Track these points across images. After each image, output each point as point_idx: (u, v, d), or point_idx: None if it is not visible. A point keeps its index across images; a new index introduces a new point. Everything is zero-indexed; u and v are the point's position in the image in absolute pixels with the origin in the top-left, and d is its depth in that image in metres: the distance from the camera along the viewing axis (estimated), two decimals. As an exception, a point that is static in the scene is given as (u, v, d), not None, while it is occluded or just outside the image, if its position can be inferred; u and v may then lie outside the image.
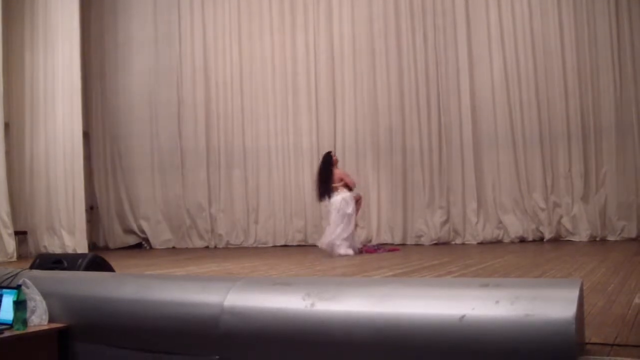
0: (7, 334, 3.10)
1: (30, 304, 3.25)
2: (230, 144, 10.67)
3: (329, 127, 10.10)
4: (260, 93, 10.51)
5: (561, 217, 8.78)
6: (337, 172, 8.08)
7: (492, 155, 9.18)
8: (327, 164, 8.08)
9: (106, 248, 11.00)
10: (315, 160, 10.12)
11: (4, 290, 3.33)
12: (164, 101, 11.00)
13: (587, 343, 2.42)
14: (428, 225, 9.43)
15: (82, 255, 4.30)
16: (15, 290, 3.24)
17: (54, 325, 3.25)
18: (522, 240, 8.93)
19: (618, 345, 2.39)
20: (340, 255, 7.65)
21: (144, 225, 11.09)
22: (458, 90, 9.30)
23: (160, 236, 10.95)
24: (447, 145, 9.41)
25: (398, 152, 9.65)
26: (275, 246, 10.22)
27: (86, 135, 10.90)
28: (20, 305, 3.19)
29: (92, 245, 10.42)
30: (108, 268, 4.22)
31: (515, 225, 8.98)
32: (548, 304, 2.32)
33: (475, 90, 9.23)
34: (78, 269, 4.00)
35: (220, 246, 10.56)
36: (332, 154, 8.38)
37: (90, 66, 11.23)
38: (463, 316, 2.44)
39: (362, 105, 9.88)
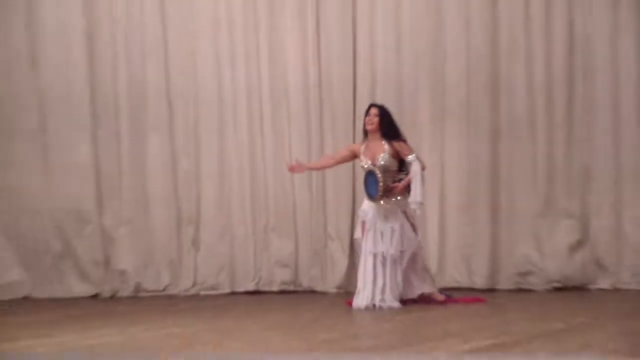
0: None
1: None
2: (142, 83, 10.77)
3: (340, 52, 10.38)
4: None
5: None
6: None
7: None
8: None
9: None
10: (314, 115, 10.27)
11: None
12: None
13: None
14: (541, 251, 9.66)
15: None
16: None
17: None
18: None
19: None
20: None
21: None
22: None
23: (1, 275, 10.98)
24: (580, 91, 9.66)
25: (482, 106, 9.90)
26: (234, 293, 10.38)
27: None
28: None
29: None
30: None
31: None
32: None
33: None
34: None
35: (124, 294, 10.66)
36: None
37: None
38: None
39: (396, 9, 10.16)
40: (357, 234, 8.76)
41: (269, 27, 10.52)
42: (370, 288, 8.30)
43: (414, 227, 8.47)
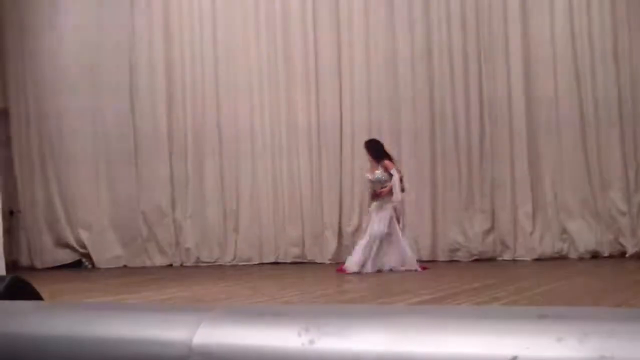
0: None
1: None
2: (201, 125, 10.70)
3: (333, 101, 10.18)
4: (240, 54, 10.54)
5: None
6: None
7: (552, 139, 9.22)
8: None
9: (32, 268, 10.99)
10: (315, 144, 10.18)
11: None
12: (109, 68, 10.94)
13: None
14: (466, 235, 9.51)
15: (-1, 278, 4.30)
16: None
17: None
18: (595, 255, 8.96)
19: None
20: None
21: (84, 236, 11.08)
22: (506, 50, 9.33)
23: (106, 251, 10.96)
24: (492, 126, 9.47)
25: (425, 135, 9.72)
26: (262, 264, 10.27)
27: (5, 113, 10.86)
28: None
29: (12, 264, 10.41)
30: (34, 295, 4.22)
31: (585, 236, 9.02)
32: (631, 343, 2.31)
33: (530, 50, 9.26)
34: (-6, 296, 4.01)
35: (188, 264, 10.60)
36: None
37: (5, 21, 11.17)
38: (514, 358, 2.44)
39: (376, 73, 9.94)
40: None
41: (285, 89, 10.35)
42: (362, 258, 8.30)
43: (398, 218, 8.42)
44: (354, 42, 10.05)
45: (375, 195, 8.42)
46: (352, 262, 8.31)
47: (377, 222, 8.32)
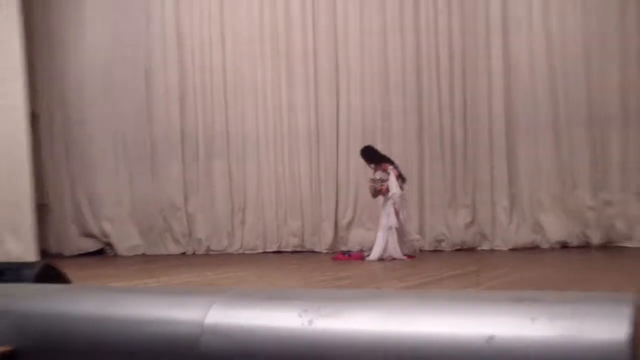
0: (-59, 358, 3.11)
1: (-32, 324, 3.26)
2: (210, 128, 10.71)
3: (330, 105, 10.16)
4: (246, 63, 10.53)
5: (613, 217, 8.82)
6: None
7: (529, 141, 9.25)
8: None
9: (60, 255, 11.01)
10: (314, 146, 10.17)
11: (-62, 306, 3.33)
12: (127, 75, 10.94)
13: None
14: (449, 227, 9.52)
15: (31, 264, 4.31)
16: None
17: (-3, 349, 3.27)
18: (565, 245, 8.98)
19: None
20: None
21: (107, 227, 11.10)
22: (488, 60, 9.36)
23: (126, 241, 10.98)
24: (473, 128, 9.50)
25: (413, 137, 9.74)
26: (265, 252, 10.28)
27: (35, 118, 10.85)
28: (-44, 324, 3.19)
29: (43, 252, 10.43)
30: (63, 279, 4.23)
31: (555, 228, 9.04)
32: (595, 323, 2.33)
33: (509, 61, 9.28)
34: (26, 281, 4.02)
35: (200, 252, 10.61)
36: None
37: (35, 34, 11.17)
38: (491, 337, 2.45)
39: (370, 79, 9.96)
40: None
41: (286, 96, 10.35)
42: (379, 249, 8.30)
43: (396, 212, 8.36)
44: (350, 55, 10.05)
45: (377, 193, 8.42)
46: (373, 253, 8.30)
47: (385, 216, 8.34)
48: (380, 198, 8.49)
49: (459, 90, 9.55)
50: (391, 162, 8.61)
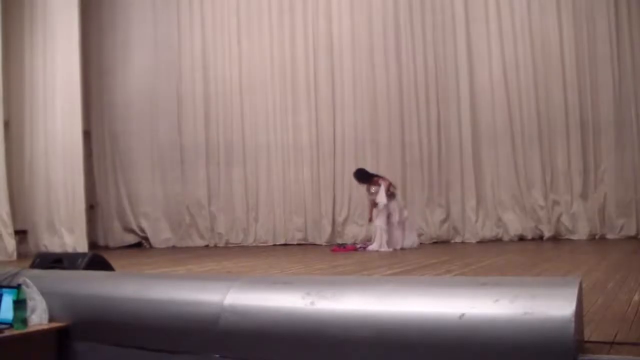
0: (7, 333, 3.10)
1: (30, 303, 3.25)
2: (230, 141, 10.68)
3: (328, 124, 10.13)
4: (259, 89, 10.51)
5: (560, 214, 8.81)
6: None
7: (491, 151, 9.22)
8: None
9: (106, 247, 11.00)
10: (315, 156, 10.15)
11: (4, 289, 3.33)
12: (163, 98, 11.00)
13: (586, 341, 2.43)
14: (427, 223, 9.46)
15: (82, 254, 4.31)
16: (15, 290, 3.24)
17: (53, 325, 3.26)
18: (522, 238, 8.94)
19: (617, 343, 2.40)
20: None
21: (144, 223, 11.09)
22: (457, 86, 9.34)
23: (160, 235, 10.96)
24: (446, 141, 9.46)
25: (397, 148, 9.70)
26: (275, 245, 10.21)
27: (87, 134, 10.90)
28: (20, 304, 3.19)
29: (92, 244, 10.41)
30: (108, 267, 4.22)
31: (514, 224, 9.01)
32: (547, 302, 2.33)
33: (475, 86, 9.27)
34: (78, 268, 4.01)
35: (220, 245, 10.56)
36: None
37: (90, 64, 11.21)
38: (462, 315, 2.45)
39: (360, 102, 9.92)
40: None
41: (292, 115, 10.30)
42: (376, 244, 8.30)
43: (388, 216, 8.32)
44: (344, 81, 10.02)
45: (375, 203, 8.38)
46: (372, 247, 8.29)
47: (377, 218, 8.31)
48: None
49: (434, 110, 9.54)
50: (381, 177, 8.54)
